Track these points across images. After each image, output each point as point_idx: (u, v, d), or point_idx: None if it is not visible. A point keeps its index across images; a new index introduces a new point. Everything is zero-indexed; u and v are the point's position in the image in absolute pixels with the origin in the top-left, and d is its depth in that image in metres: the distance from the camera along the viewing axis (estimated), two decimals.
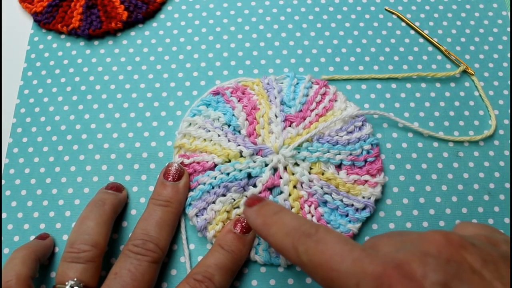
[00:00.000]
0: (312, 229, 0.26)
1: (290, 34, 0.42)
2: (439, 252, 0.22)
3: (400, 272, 0.21)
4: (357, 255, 0.23)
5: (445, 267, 0.22)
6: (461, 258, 0.22)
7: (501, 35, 0.42)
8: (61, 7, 0.42)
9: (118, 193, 0.34)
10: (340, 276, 0.23)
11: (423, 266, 0.21)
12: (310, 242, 0.25)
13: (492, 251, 0.23)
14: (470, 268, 0.22)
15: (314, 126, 0.36)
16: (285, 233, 0.26)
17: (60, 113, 0.39)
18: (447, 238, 0.23)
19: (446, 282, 0.21)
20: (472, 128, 0.38)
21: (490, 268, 0.22)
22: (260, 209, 0.29)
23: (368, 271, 0.22)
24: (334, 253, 0.24)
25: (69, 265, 0.29)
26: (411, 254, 0.22)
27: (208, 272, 0.29)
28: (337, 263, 0.23)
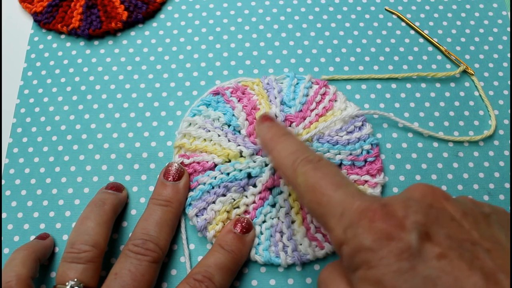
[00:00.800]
0: (315, 157, 0.27)
1: (290, 34, 0.42)
2: (422, 197, 0.24)
3: (383, 209, 0.22)
4: (351, 190, 0.25)
5: (426, 210, 0.23)
6: (442, 207, 0.23)
7: (501, 35, 0.42)
8: (61, 7, 0.42)
9: (118, 193, 0.34)
10: (328, 201, 0.24)
11: (405, 208, 0.22)
12: (310, 166, 0.26)
13: (474, 208, 0.24)
14: (449, 216, 0.23)
15: (314, 126, 0.36)
16: (290, 151, 0.28)
17: (60, 113, 0.39)
18: (431, 188, 0.24)
19: (426, 224, 0.22)
20: (472, 128, 0.38)
21: (469, 220, 0.22)
22: (272, 126, 0.30)
23: (355, 204, 0.23)
24: (331, 181, 0.25)
25: (69, 265, 0.29)
26: (396, 199, 0.24)
27: (208, 272, 0.29)
28: (330, 190, 0.25)
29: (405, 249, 0.21)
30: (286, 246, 0.33)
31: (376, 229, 0.22)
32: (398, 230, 0.21)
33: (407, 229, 0.21)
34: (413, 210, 0.22)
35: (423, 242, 0.21)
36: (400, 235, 0.21)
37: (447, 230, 0.22)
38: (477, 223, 0.22)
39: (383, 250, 0.21)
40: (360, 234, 0.22)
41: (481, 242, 0.21)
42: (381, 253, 0.21)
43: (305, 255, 0.32)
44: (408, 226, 0.21)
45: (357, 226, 0.22)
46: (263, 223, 0.34)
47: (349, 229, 0.23)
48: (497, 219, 0.23)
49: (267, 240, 0.33)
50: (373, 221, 0.22)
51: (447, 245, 0.21)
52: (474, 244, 0.21)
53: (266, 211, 0.34)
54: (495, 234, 0.22)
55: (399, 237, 0.21)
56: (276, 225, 0.33)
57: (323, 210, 0.25)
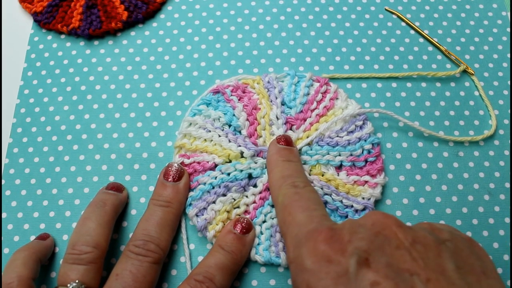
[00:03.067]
0: (301, 183, 0.29)
1: (290, 34, 0.42)
2: (372, 225, 0.24)
3: (329, 233, 0.23)
4: (315, 214, 0.26)
5: (372, 238, 0.23)
6: (392, 234, 0.23)
7: (501, 35, 0.42)
8: (61, 7, 0.42)
9: (118, 194, 0.34)
10: (291, 222, 0.26)
11: (352, 234, 0.23)
12: (293, 190, 0.29)
13: (428, 235, 0.23)
14: (397, 244, 0.22)
15: (315, 127, 0.36)
16: (282, 175, 0.30)
17: (60, 113, 0.39)
18: (385, 216, 0.24)
19: (368, 250, 0.22)
20: (472, 128, 0.38)
21: (417, 248, 0.22)
22: (283, 149, 0.33)
23: (309, 227, 0.25)
24: (302, 205, 0.27)
25: (70, 266, 0.29)
26: (348, 224, 0.24)
27: (208, 273, 0.29)
28: (297, 212, 0.27)
29: (342, 274, 0.21)
30: None
31: (318, 251, 0.22)
32: (338, 254, 0.22)
33: (348, 253, 0.22)
34: (359, 236, 0.23)
35: (360, 268, 0.21)
36: (340, 259, 0.22)
37: (389, 258, 0.22)
38: (426, 251, 0.22)
39: (322, 273, 0.22)
40: (303, 254, 0.23)
41: (422, 272, 0.21)
42: (320, 275, 0.22)
43: None
44: (349, 251, 0.22)
45: (302, 246, 0.23)
46: (263, 223, 0.34)
47: (296, 249, 0.24)
48: (451, 247, 0.23)
49: (267, 240, 0.33)
50: (317, 243, 0.23)
51: (384, 273, 0.21)
52: (412, 275, 0.21)
53: (267, 211, 0.34)
54: (442, 264, 0.22)
55: (338, 261, 0.22)
56: (276, 225, 0.33)
57: (285, 229, 0.26)
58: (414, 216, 0.35)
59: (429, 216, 0.35)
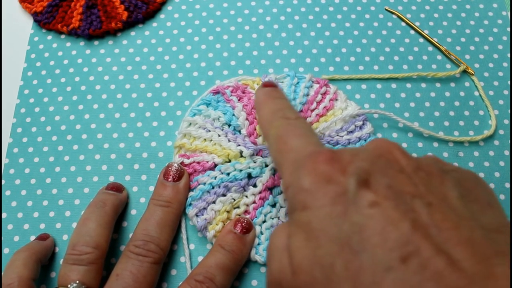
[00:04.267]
0: (292, 115, 0.28)
1: (290, 34, 0.42)
2: (375, 148, 0.23)
3: (330, 155, 0.22)
4: (311, 140, 0.25)
5: (374, 159, 0.22)
6: (394, 159, 0.22)
7: (501, 35, 0.42)
8: (61, 7, 0.42)
9: (118, 194, 0.34)
10: (287, 149, 0.25)
11: (353, 155, 0.22)
12: (285, 122, 0.27)
13: (432, 164, 0.22)
14: (399, 168, 0.21)
15: (315, 126, 0.36)
16: (271, 111, 0.29)
17: (60, 113, 0.39)
18: (388, 141, 0.23)
19: (369, 171, 0.21)
20: (472, 128, 0.38)
21: (420, 174, 0.21)
22: (269, 90, 0.32)
23: (307, 150, 0.24)
24: (297, 133, 0.26)
25: (71, 267, 0.29)
26: (349, 148, 0.23)
27: (209, 273, 0.29)
28: (292, 140, 0.25)
29: (341, 193, 0.20)
30: None
31: (317, 171, 0.21)
32: (338, 174, 0.21)
33: (348, 173, 0.21)
34: (360, 157, 0.22)
35: (360, 188, 0.20)
36: (339, 179, 0.21)
37: (390, 180, 0.21)
38: (429, 178, 0.21)
39: (320, 192, 0.21)
40: (302, 176, 0.22)
41: (424, 196, 0.20)
42: (317, 195, 0.21)
43: None
44: (350, 171, 0.21)
45: (302, 168, 0.22)
46: (263, 223, 0.34)
47: (295, 172, 0.23)
48: (456, 177, 0.22)
49: (267, 240, 0.33)
50: (316, 163, 0.22)
51: (384, 194, 0.20)
52: (414, 197, 0.20)
53: (266, 211, 0.34)
54: (445, 191, 0.21)
55: (337, 181, 0.21)
56: (276, 225, 0.33)
57: (282, 158, 0.25)
58: None
59: None
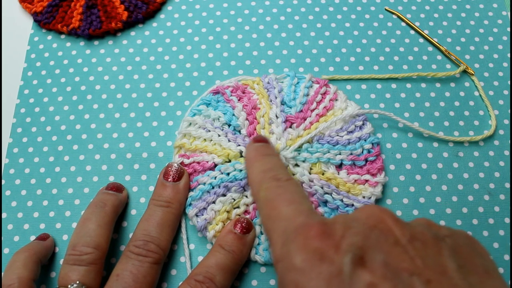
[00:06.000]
0: (283, 175, 0.27)
1: (290, 34, 0.42)
2: (367, 219, 0.22)
3: (321, 228, 0.21)
4: (302, 208, 0.24)
5: (367, 232, 0.21)
6: (388, 230, 0.21)
7: (501, 35, 0.42)
8: (61, 7, 0.42)
9: (118, 194, 0.34)
10: (276, 216, 0.24)
11: (345, 228, 0.21)
12: (275, 184, 0.27)
13: (426, 231, 0.22)
14: (394, 241, 0.21)
15: (315, 126, 0.36)
16: (261, 170, 0.28)
17: (60, 113, 0.39)
18: (380, 209, 0.23)
19: (363, 247, 0.20)
20: (472, 128, 0.38)
21: (416, 245, 0.21)
22: (260, 147, 0.31)
23: (297, 220, 0.23)
24: (286, 198, 0.25)
25: (71, 267, 0.29)
26: (341, 218, 0.22)
27: (209, 273, 0.29)
28: (282, 206, 0.24)
29: (336, 274, 0.19)
30: None
31: (309, 247, 0.21)
32: (332, 251, 0.20)
33: (342, 251, 0.20)
34: (353, 231, 0.21)
35: (355, 268, 0.19)
36: (333, 257, 0.20)
37: (385, 255, 0.20)
38: (425, 249, 0.21)
39: (313, 272, 0.20)
40: (292, 251, 0.21)
41: (422, 272, 0.19)
42: (311, 275, 0.20)
43: None
44: (343, 248, 0.20)
45: (292, 242, 0.21)
46: None
47: (285, 246, 0.22)
48: (451, 244, 0.22)
49: (267, 240, 0.33)
50: (308, 238, 0.21)
51: (381, 273, 0.19)
52: (412, 275, 0.19)
53: None
54: (443, 263, 0.20)
55: (332, 259, 0.20)
56: None
57: (271, 224, 0.24)
58: (414, 216, 0.35)
59: (429, 216, 0.35)
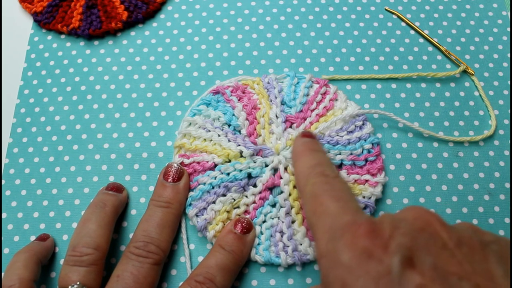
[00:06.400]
0: (331, 172, 0.27)
1: (290, 34, 0.42)
2: (414, 219, 0.22)
3: (369, 227, 0.21)
4: (349, 205, 0.24)
5: (415, 234, 0.21)
6: (435, 232, 0.21)
7: (501, 35, 0.42)
8: (61, 7, 0.42)
9: (118, 194, 0.34)
10: (323, 212, 0.24)
11: (393, 228, 0.21)
12: (322, 179, 0.26)
13: (473, 236, 0.22)
14: (442, 244, 0.21)
15: (315, 126, 0.36)
16: (310, 165, 0.28)
17: (60, 113, 0.39)
18: (427, 212, 0.22)
19: (412, 248, 0.20)
20: (472, 128, 0.38)
21: (463, 250, 0.21)
22: (308, 142, 0.31)
23: (345, 218, 0.22)
24: (334, 194, 0.25)
25: (71, 268, 0.29)
26: (388, 218, 0.22)
27: (209, 273, 0.29)
28: (329, 202, 0.24)
29: (384, 274, 0.19)
30: (287, 246, 0.33)
31: (357, 245, 0.20)
32: (380, 250, 0.20)
33: (391, 251, 0.20)
34: (401, 231, 0.21)
35: (404, 269, 0.19)
36: (382, 257, 0.20)
37: (434, 258, 0.20)
38: (472, 254, 0.21)
39: (361, 270, 0.20)
40: (340, 248, 0.21)
41: (471, 276, 0.19)
42: (358, 272, 0.20)
43: (305, 255, 0.32)
44: (392, 248, 0.20)
45: (339, 240, 0.21)
46: (263, 223, 0.34)
47: (331, 242, 0.22)
48: (497, 251, 0.21)
49: (267, 240, 0.33)
50: (356, 237, 0.21)
51: (430, 276, 0.19)
52: (461, 279, 0.19)
53: (266, 211, 0.34)
54: (490, 269, 0.20)
55: (380, 259, 0.20)
56: (277, 225, 0.33)
57: (316, 220, 0.24)
58: None
59: None
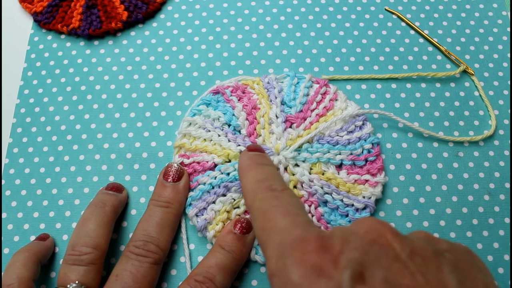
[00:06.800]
0: (279, 187, 0.27)
1: (290, 34, 0.42)
2: (366, 233, 0.22)
3: (319, 242, 0.21)
4: (299, 220, 0.23)
5: (366, 247, 0.21)
6: (387, 244, 0.21)
7: (501, 35, 0.42)
8: (61, 7, 0.42)
9: (118, 194, 0.34)
10: (272, 228, 0.23)
11: (343, 242, 0.21)
12: (270, 194, 0.26)
13: (426, 246, 0.22)
14: (394, 256, 0.20)
15: (315, 126, 0.36)
16: (256, 179, 0.28)
17: (60, 113, 0.39)
18: (379, 222, 0.22)
19: (363, 262, 0.20)
20: (472, 128, 0.38)
21: (416, 260, 0.20)
22: (254, 156, 0.30)
23: (294, 234, 0.22)
24: (282, 209, 0.24)
25: (70, 267, 0.29)
26: (338, 231, 0.22)
27: (209, 273, 0.29)
28: (278, 218, 0.24)
29: None
30: None
31: (306, 262, 0.20)
32: (330, 266, 0.20)
33: (341, 266, 0.19)
34: (351, 246, 0.20)
35: (355, 284, 0.19)
36: (332, 273, 0.19)
37: (386, 271, 0.20)
38: (426, 264, 0.20)
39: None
40: (289, 266, 0.20)
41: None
42: None
43: None
44: (342, 263, 0.20)
45: (288, 257, 0.21)
46: None
47: (280, 260, 0.21)
48: (452, 260, 0.21)
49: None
50: (305, 253, 0.20)
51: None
52: None
53: None
54: (443, 279, 0.20)
55: (330, 275, 0.19)
56: None
57: (265, 236, 0.23)
58: (414, 216, 0.35)
59: (429, 216, 0.35)
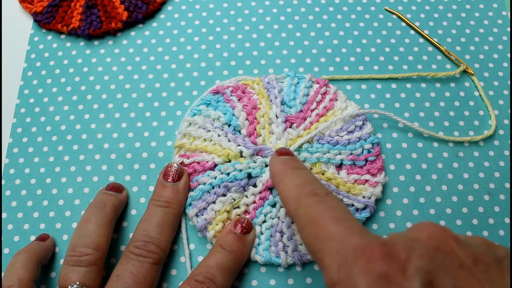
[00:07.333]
0: (322, 191, 0.25)
1: (290, 34, 0.42)
2: (429, 239, 0.21)
3: (384, 249, 0.20)
4: (352, 225, 0.22)
5: (432, 255, 0.20)
6: (451, 251, 0.21)
7: (501, 35, 0.42)
8: (61, 7, 0.42)
9: (118, 194, 0.34)
10: (326, 236, 0.22)
11: (408, 250, 0.20)
12: (315, 199, 0.25)
13: (487, 252, 0.21)
14: (459, 263, 0.20)
15: (315, 126, 0.36)
16: (296, 184, 0.26)
17: (60, 113, 0.39)
18: (440, 229, 0.22)
19: (431, 271, 0.19)
20: (472, 128, 0.38)
21: (481, 268, 0.20)
22: (287, 160, 0.29)
23: (352, 240, 0.21)
24: (332, 215, 0.23)
25: (71, 268, 0.29)
26: (399, 237, 0.21)
27: (209, 273, 0.29)
28: (330, 224, 0.23)
29: None
30: (287, 246, 0.33)
31: (373, 272, 0.19)
32: (399, 275, 0.19)
33: (409, 275, 0.19)
34: (417, 253, 0.20)
35: None
36: (401, 282, 0.19)
37: (454, 280, 0.19)
38: (490, 272, 0.20)
39: None
40: (355, 276, 0.20)
41: None
42: None
43: (306, 255, 0.32)
44: (411, 272, 0.19)
45: (353, 266, 0.20)
46: (263, 223, 0.34)
47: (343, 268, 0.20)
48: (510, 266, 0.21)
49: (267, 240, 0.33)
50: (371, 262, 0.20)
51: None
52: None
53: (266, 211, 0.34)
54: (508, 286, 0.20)
55: (399, 284, 0.19)
56: (276, 225, 0.33)
57: (320, 245, 0.23)
58: (414, 216, 0.35)
59: (429, 216, 0.35)
